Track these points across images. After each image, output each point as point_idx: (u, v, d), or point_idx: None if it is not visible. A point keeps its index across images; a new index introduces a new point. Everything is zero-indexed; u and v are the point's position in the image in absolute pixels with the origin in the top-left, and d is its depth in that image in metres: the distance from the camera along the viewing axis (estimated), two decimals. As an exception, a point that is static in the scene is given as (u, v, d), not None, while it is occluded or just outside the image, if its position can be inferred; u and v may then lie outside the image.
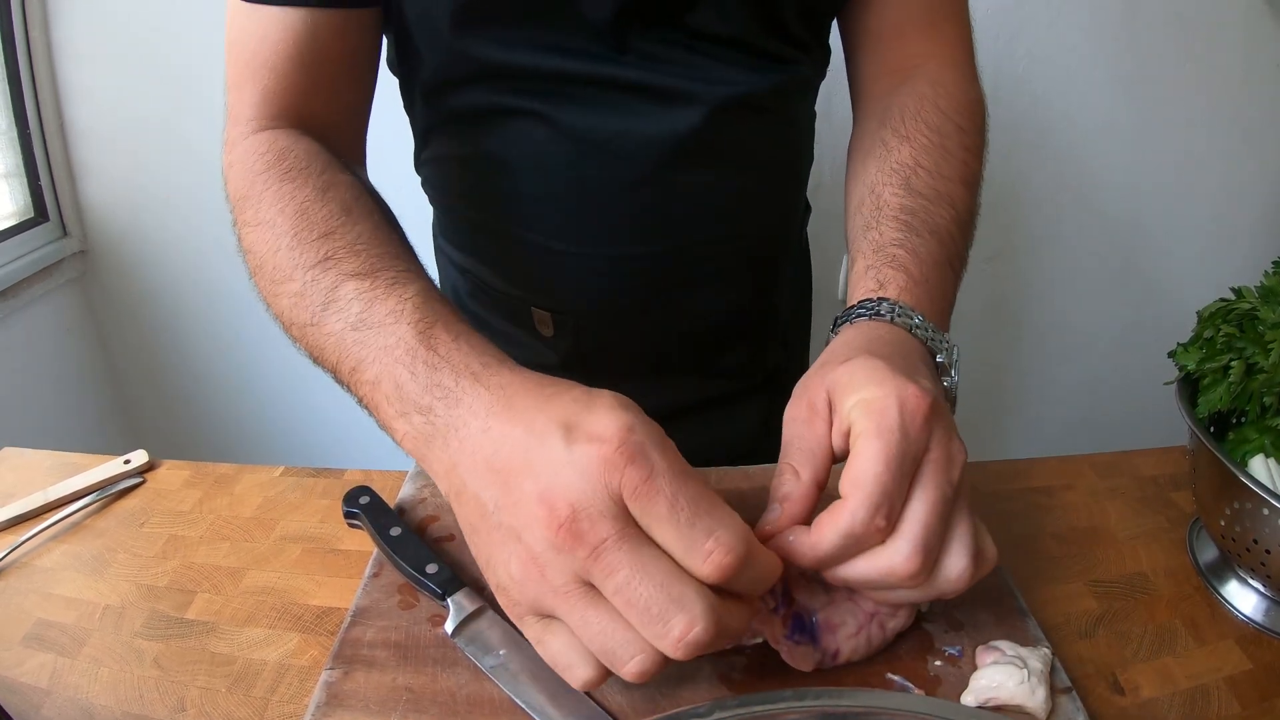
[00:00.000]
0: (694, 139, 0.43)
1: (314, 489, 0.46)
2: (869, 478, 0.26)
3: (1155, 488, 0.45)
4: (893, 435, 0.27)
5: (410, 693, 0.32)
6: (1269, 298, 0.37)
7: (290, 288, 0.33)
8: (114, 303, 1.20)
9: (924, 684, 0.32)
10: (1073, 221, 1.11)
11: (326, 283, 0.32)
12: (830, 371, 0.30)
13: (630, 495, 0.24)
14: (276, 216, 0.35)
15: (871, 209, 0.40)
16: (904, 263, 0.36)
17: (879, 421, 0.27)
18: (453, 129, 0.47)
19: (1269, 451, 0.36)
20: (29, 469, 0.49)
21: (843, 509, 0.27)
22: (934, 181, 0.40)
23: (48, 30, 1.03)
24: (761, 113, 0.45)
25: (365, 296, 0.31)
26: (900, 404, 0.27)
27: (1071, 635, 0.36)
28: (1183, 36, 0.98)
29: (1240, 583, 0.38)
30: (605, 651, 0.25)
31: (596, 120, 0.42)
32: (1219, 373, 0.37)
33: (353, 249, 0.33)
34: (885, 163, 0.41)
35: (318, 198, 0.35)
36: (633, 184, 0.44)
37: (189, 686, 0.34)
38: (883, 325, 0.34)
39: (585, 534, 0.24)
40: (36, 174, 1.09)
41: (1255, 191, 1.09)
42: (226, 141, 0.41)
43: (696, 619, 0.23)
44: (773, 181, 0.49)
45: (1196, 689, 0.33)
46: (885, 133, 0.43)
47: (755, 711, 0.23)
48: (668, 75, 0.41)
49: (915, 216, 0.38)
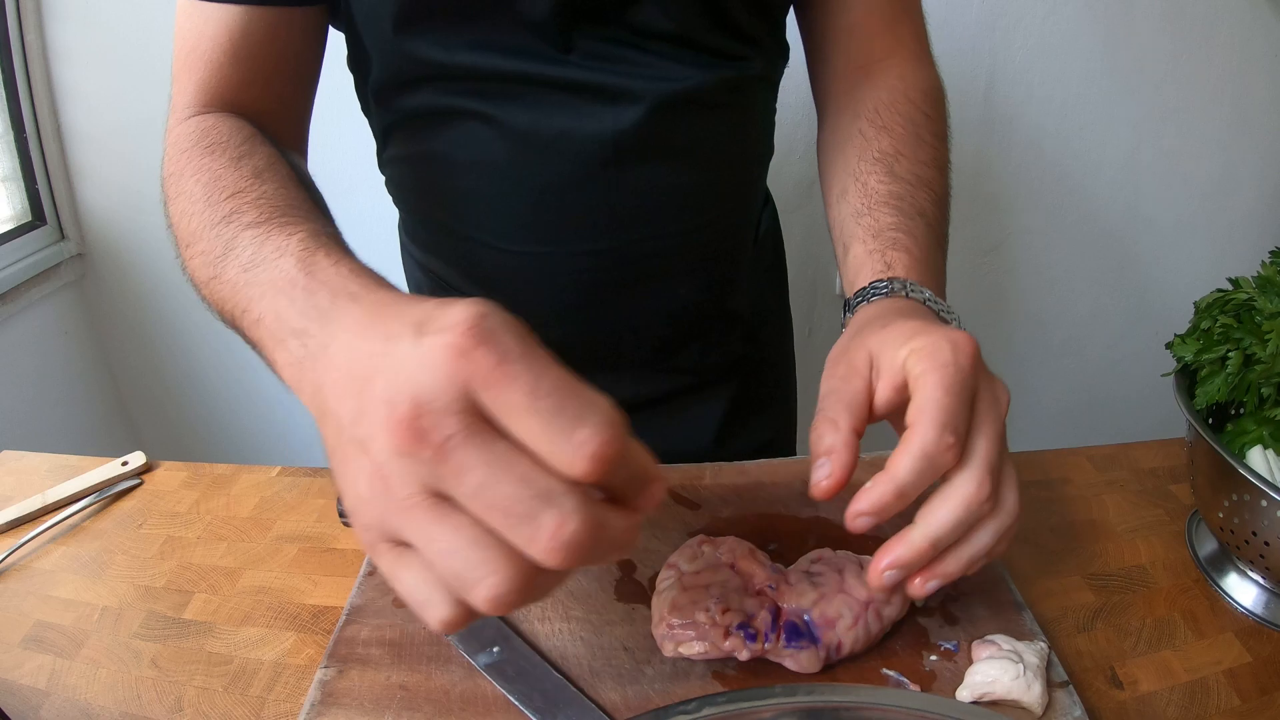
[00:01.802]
0: (636, 135, 0.43)
1: (310, 489, 0.46)
2: (933, 401, 0.28)
3: (1154, 480, 0.45)
4: (949, 368, 0.29)
5: (404, 690, 0.32)
6: (1266, 288, 0.37)
7: (198, 248, 0.34)
8: (112, 306, 1.20)
9: (919, 679, 0.32)
10: (1070, 213, 1.11)
11: (227, 235, 0.32)
12: (870, 336, 0.32)
13: (481, 384, 0.21)
14: (193, 187, 0.36)
15: (859, 196, 0.41)
16: (905, 245, 0.38)
17: (935, 359, 0.29)
18: (405, 130, 0.47)
19: (1267, 443, 0.36)
20: (28, 472, 0.49)
21: (912, 434, 0.28)
22: (914, 167, 0.42)
23: (43, 33, 1.03)
24: (709, 108, 0.45)
25: (258, 241, 0.31)
26: (952, 344, 0.29)
27: (1070, 629, 0.35)
28: (1179, 27, 0.98)
29: (1239, 575, 0.37)
30: (453, 574, 0.21)
31: (540, 119, 0.42)
32: (1217, 364, 0.37)
33: (255, 204, 0.33)
34: (866, 152, 0.43)
35: (231, 165, 0.36)
36: (578, 182, 0.44)
37: (186, 686, 0.34)
38: (900, 300, 0.36)
39: (428, 431, 0.20)
40: (34, 177, 1.09)
41: (1252, 182, 1.09)
42: (165, 131, 0.42)
43: (570, 514, 0.20)
44: (724, 176, 0.49)
45: (1195, 682, 0.33)
46: (862, 124, 0.45)
47: (744, 707, 0.23)
48: (610, 74, 0.42)
49: (904, 201, 0.40)
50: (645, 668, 0.33)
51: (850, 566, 0.34)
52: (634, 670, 0.32)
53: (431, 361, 0.21)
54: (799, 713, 0.23)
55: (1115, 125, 1.05)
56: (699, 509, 0.42)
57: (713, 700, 0.24)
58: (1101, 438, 0.49)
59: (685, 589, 0.33)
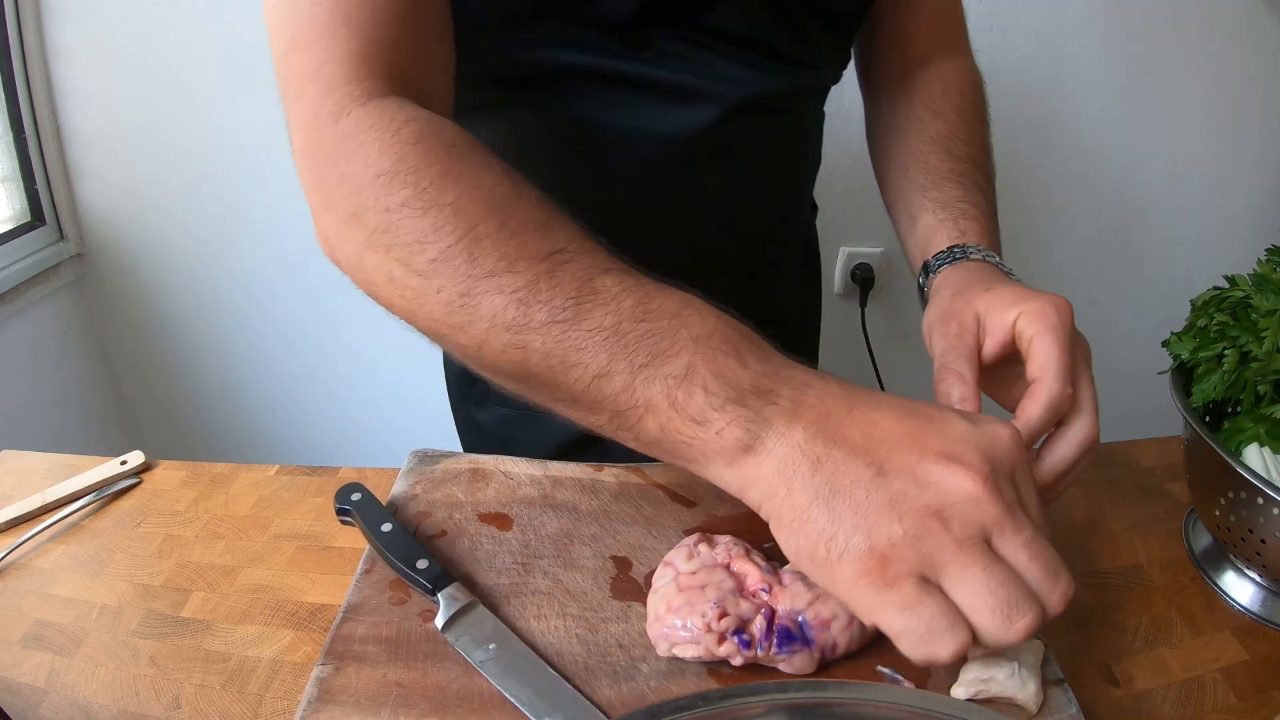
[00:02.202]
0: (706, 137, 0.43)
1: (308, 487, 0.46)
2: (1053, 358, 0.32)
3: (1151, 478, 0.45)
4: (1060, 330, 0.33)
5: (401, 688, 0.32)
6: (1262, 286, 0.37)
7: (509, 281, 0.28)
8: (111, 306, 1.21)
9: (914, 676, 0.32)
10: (1067, 210, 1.11)
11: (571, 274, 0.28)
12: (977, 298, 0.36)
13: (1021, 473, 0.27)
14: (464, 201, 0.29)
15: (922, 172, 0.45)
16: (973, 215, 0.42)
17: (1047, 321, 0.33)
18: (470, 117, 0.46)
19: (1264, 441, 0.36)
20: (27, 471, 0.49)
21: (1040, 386, 0.32)
22: (968, 149, 0.45)
23: (42, 33, 1.03)
24: (775, 114, 0.46)
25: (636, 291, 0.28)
26: (1057, 309, 0.33)
27: (1066, 626, 0.35)
28: (1179, 26, 0.98)
29: (1236, 573, 0.37)
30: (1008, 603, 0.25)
31: (609, 115, 0.42)
32: (1213, 362, 0.37)
33: (581, 245, 0.29)
34: (924, 134, 0.46)
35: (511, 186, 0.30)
36: (642, 179, 0.44)
37: (184, 684, 0.34)
38: (980, 263, 0.39)
39: (1004, 491, 0.26)
40: (33, 178, 1.09)
41: (1249, 180, 1.09)
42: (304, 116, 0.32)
43: (1070, 579, 0.26)
44: (781, 182, 0.50)
45: (1192, 680, 0.33)
46: (919, 109, 0.48)
47: (737, 704, 0.23)
48: (684, 73, 0.42)
49: (965, 178, 0.44)
50: (640, 665, 0.33)
51: None
52: (629, 667, 0.33)
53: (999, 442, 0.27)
54: (793, 709, 0.23)
55: (1112, 124, 1.05)
56: (695, 506, 0.42)
57: (706, 696, 0.24)
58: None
59: (681, 589, 0.33)
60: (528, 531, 0.40)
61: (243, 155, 1.09)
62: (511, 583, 0.37)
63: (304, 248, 1.19)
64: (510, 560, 0.38)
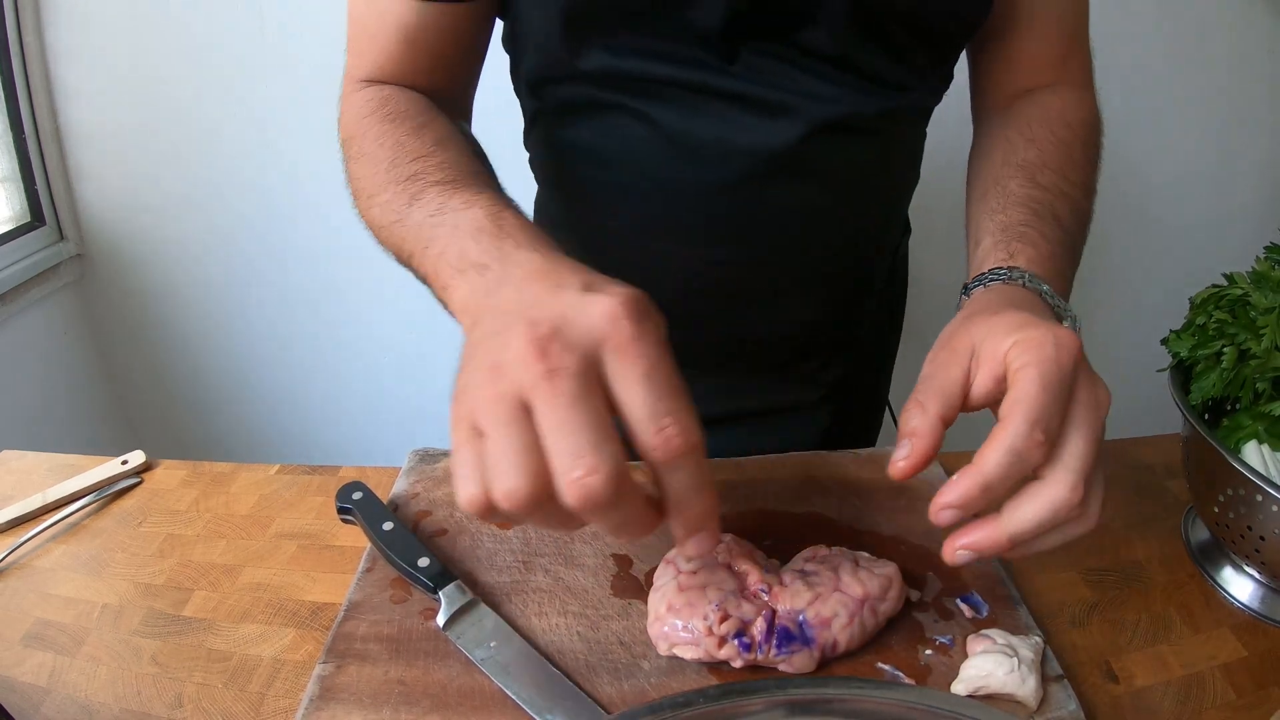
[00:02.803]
0: (788, 154, 0.43)
1: (309, 486, 0.46)
2: (1027, 396, 0.28)
3: (1150, 476, 0.45)
4: (1048, 364, 0.28)
5: (402, 685, 0.32)
6: (1261, 283, 0.37)
7: (382, 198, 0.37)
8: (111, 306, 1.21)
9: (914, 674, 0.32)
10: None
11: (413, 189, 0.36)
12: (978, 323, 0.32)
13: (615, 347, 0.25)
14: (376, 149, 0.39)
15: (998, 197, 0.41)
16: (1032, 239, 0.38)
17: (1036, 353, 0.28)
18: (554, 116, 0.48)
19: (1262, 438, 0.36)
20: (28, 471, 0.49)
21: (1004, 426, 0.28)
22: (1057, 181, 0.41)
23: (41, 33, 1.03)
24: (863, 134, 0.45)
25: (445, 194, 0.34)
26: (1055, 340, 0.29)
27: (1065, 623, 0.35)
28: (1176, 25, 0.98)
29: (1235, 570, 0.37)
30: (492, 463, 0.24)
31: (694, 125, 0.43)
32: (1212, 359, 0.37)
33: (440, 167, 0.36)
34: (1011, 158, 0.43)
35: (413, 133, 0.39)
36: (721, 190, 0.45)
37: (186, 683, 0.34)
38: (1016, 289, 0.35)
39: (551, 354, 0.24)
40: (33, 178, 1.09)
41: (1248, 178, 1.09)
42: (341, 96, 0.45)
43: (603, 468, 0.23)
44: (869, 202, 0.49)
45: (1191, 677, 0.33)
46: (1010, 132, 0.45)
47: (738, 701, 0.23)
48: (771, 88, 0.42)
49: (1040, 205, 0.40)
50: (641, 662, 0.33)
51: (845, 564, 0.34)
52: (630, 665, 0.33)
53: (584, 308, 0.25)
54: (793, 705, 0.24)
55: (1109, 121, 1.05)
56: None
57: (705, 692, 0.24)
58: (1098, 433, 0.49)
59: (682, 589, 0.33)
60: (528, 529, 0.40)
61: (243, 155, 1.09)
62: (512, 580, 0.37)
63: (304, 247, 1.19)
64: (511, 558, 0.38)
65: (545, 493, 0.24)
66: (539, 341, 0.24)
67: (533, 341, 0.24)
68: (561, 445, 0.24)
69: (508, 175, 0.40)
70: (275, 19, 1.00)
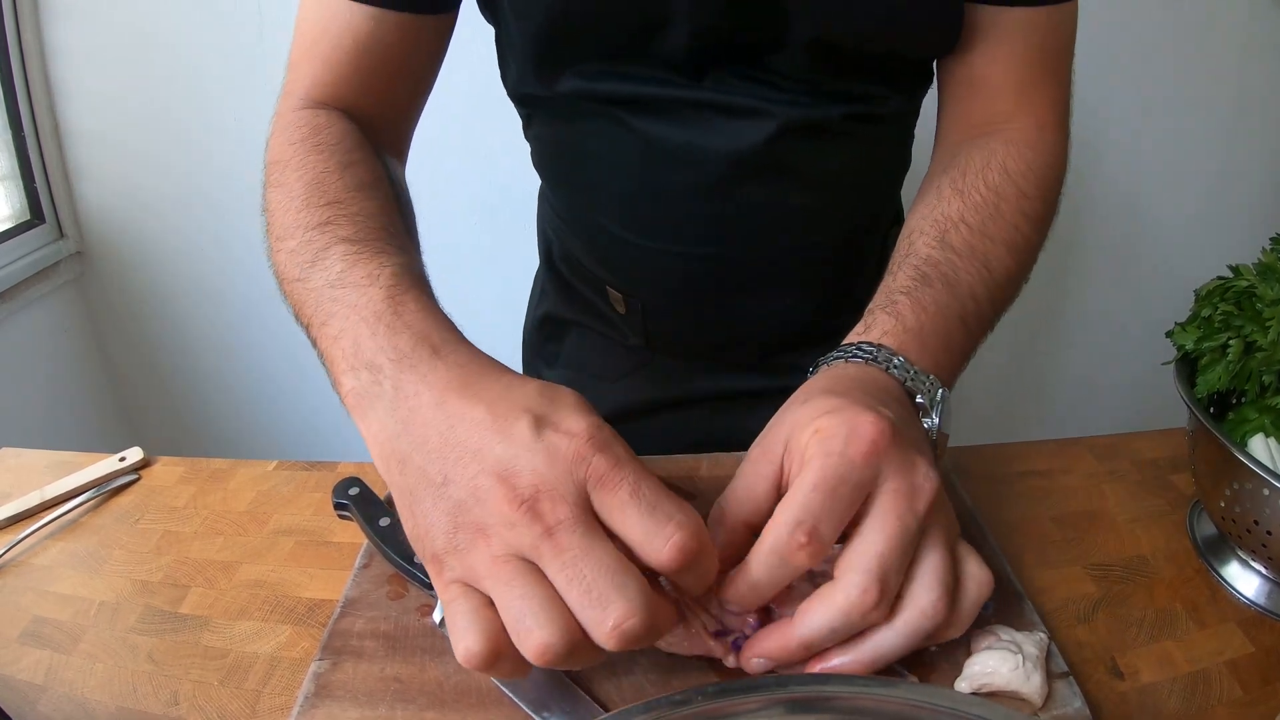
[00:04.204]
0: (758, 155, 0.43)
1: (307, 483, 0.46)
2: (792, 495, 0.27)
3: (1155, 470, 0.45)
4: (829, 459, 0.27)
5: (399, 682, 0.32)
6: (1267, 275, 0.37)
7: (288, 244, 0.35)
8: (110, 304, 1.21)
9: (918, 670, 0.31)
10: (1070, 202, 1.10)
11: (319, 243, 0.33)
12: (790, 412, 0.31)
13: (596, 483, 0.25)
14: (295, 182, 0.37)
15: (897, 257, 0.39)
16: (901, 309, 0.35)
17: (820, 446, 0.27)
18: (543, 116, 0.49)
19: (1269, 431, 0.36)
20: (26, 468, 0.49)
21: (768, 526, 0.27)
22: (972, 239, 0.39)
23: (40, 32, 1.03)
24: (837, 135, 0.45)
25: (348, 260, 0.32)
26: (849, 430, 0.27)
27: (1070, 619, 0.35)
28: (1180, 20, 0.97)
29: (1241, 565, 0.37)
30: (516, 618, 0.24)
31: (668, 130, 0.44)
32: (1217, 352, 0.37)
33: (353, 219, 0.34)
34: (932, 213, 0.41)
35: (337, 171, 0.37)
36: (699, 190, 0.45)
37: (182, 680, 0.34)
38: (854, 365, 0.33)
39: (544, 513, 0.24)
40: (32, 176, 1.09)
41: (1253, 170, 1.08)
42: (275, 114, 0.43)
43: (635, 609, 0.24)
44: (847, 198, 0.49)
45: (1197, 673, 0.33)
46: (944, 181, 0.42)
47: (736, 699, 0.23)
48: (740, 95, 0.42)
49: (936, 269, 0.37)
50: (639, 658, 0.32)
51: None
52: (628, 661, 0.32)
53: (555, 458, 0.25)
54: (793, 703, 0.23)
55: (1116, 115, 1.05)
56: (696, 499, 0.42)
57: (704, 690, 0.23)
58: (1102, 427, 0.49)
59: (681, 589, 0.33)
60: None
61: (242, 153, 1.08)
62: (510, 577, 0.37)
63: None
64: (509, 555, 0.38)
65: (576, 642, 0.24)
66: (528, 504, 0.24)
67: (520, 504, 0.24)
68: (587, 599, 0.24)
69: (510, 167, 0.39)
70: (274, 18, 1.00)
